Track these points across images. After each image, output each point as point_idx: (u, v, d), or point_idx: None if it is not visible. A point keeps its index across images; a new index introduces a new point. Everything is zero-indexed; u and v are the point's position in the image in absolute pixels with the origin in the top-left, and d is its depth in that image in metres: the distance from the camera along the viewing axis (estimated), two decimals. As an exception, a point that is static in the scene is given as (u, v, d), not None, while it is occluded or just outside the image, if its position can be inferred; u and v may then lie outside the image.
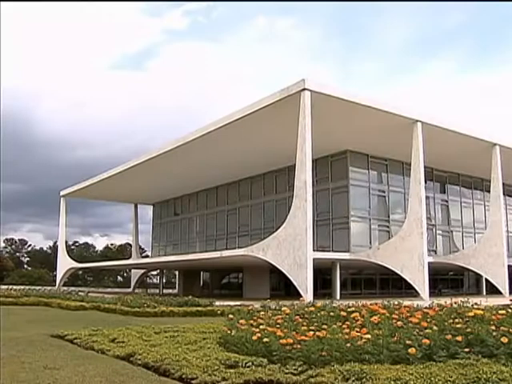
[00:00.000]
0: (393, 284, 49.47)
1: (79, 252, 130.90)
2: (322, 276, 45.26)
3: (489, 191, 48.38)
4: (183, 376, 7.72)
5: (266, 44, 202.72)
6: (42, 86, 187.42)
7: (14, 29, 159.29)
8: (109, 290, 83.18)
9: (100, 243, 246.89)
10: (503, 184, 47.37)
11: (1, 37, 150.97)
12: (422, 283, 38.02)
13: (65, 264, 70.94)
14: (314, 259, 33.60)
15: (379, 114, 37.59)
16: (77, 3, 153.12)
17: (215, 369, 7.87)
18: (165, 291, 69.03)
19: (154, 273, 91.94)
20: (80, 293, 36.65)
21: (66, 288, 52.70)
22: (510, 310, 10.00)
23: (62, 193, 72.09)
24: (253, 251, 38.14)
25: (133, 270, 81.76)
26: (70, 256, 73.79)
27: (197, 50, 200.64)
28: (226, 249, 54.82)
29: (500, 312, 9.92)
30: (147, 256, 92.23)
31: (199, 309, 23.30)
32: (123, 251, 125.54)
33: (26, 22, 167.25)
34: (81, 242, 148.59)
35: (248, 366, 7.98)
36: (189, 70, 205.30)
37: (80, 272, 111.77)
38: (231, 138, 42.83)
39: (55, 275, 79.35)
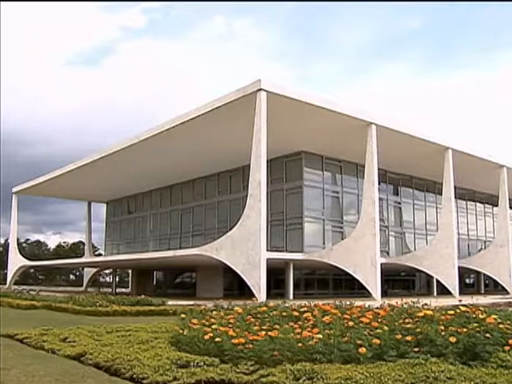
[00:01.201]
0: (346, 284, 49.87)
1: (31, 250, 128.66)
2: (276, 276, 45.32)
3: (441, 194, 49.25)
4: (134, 376, 7.68)
5: (223, 44, 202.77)
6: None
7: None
8: (61, 288, 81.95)
9: (52, 241, 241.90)
10: (455, 187, 48.23)
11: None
12: (374, 284, 38.46)
13: (16, 262, 69.71)
14: (267, 259, 33.70)
15: (334, 115, 37.92)
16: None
17: (166, 368, 7.83)
18: (118, 290, 68.33)
19: (107, 271, 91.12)
20: (31, 291, 36.13)
21: (16, 286, 52.05)
22: (458, 311, 10.17)
23: (14, 190, 70.92)
24: (206, 251, 38.05)
25: (85, 269, 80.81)
26: (21, 254, 72.61)
27: (154, 48, 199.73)
28: (180, 248, 54.64)
29: (449, 312, 10.09)
30: (100, 254, 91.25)
31: (152, 308, 23.24)
32: (76, 249, 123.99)
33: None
34: (33, 240, 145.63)
35: (199, 366, 7.97)
36: (146, 68, 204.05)
37: (31, 270, 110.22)
38: (186, 137, 42.59)
39: (6, 273, 78.01)
